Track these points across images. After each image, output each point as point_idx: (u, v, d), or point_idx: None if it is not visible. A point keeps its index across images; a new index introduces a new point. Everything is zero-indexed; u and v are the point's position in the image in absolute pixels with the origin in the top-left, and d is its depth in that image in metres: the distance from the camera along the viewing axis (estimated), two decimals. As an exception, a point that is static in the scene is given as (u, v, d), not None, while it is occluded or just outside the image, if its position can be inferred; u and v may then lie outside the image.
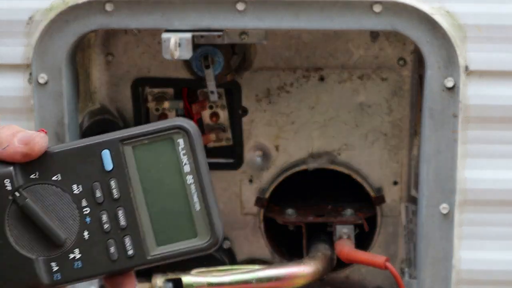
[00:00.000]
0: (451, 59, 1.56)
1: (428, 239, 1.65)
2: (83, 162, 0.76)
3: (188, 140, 0.77)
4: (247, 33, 1.61)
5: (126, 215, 0.76)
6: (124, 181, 0.77)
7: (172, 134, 0.77)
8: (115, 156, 0.77)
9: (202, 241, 0.77)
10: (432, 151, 1.61)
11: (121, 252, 0.76)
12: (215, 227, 0.77)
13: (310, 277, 1.76)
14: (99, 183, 0.76)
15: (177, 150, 0.77)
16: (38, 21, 1.60)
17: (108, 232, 0.76)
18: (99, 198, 0.76)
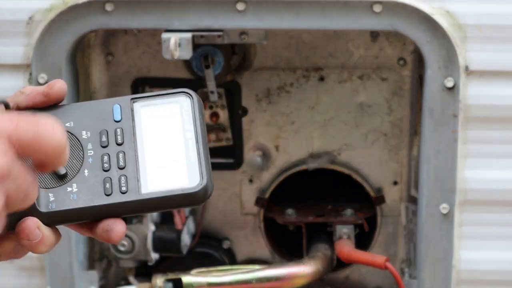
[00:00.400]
0: (451, 59, 1.56)
1: (428, 239, 1.65)
2: (95, 114, 0.84)
3: (192, 104, 0.85)
4: (247, 33, 1.61)
5: (126, 157, 0.82)
6: (129, 130, 0.83)
7: (179, 97, 0.85)
8: (125, 110, 0.84)
9: (192, 186, 0.81)
10: (432, 151, 1.61)
11: (116, 187, 0.81)
12: (206, 177, 0.81)
13: (310, 277, 1.76)
14: (107, 130, 0.83)
15: (181, 110, 0.84)
16: (38, 21, 1.60)
17: (106, 171, 0.81)
18: (104, 142, 0.83)
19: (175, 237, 1.79)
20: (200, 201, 0.82)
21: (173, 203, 0.82)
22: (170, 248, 1.80)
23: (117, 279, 1.93)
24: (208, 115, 1.85)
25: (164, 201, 0.81)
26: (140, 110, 0.85)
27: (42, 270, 1.74)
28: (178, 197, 0.81)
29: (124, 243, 1.78)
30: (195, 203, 0.82)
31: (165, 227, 1.80)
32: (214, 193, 1.90)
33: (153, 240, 1.79)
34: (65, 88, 0.83)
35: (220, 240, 1.93)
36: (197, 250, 1.90)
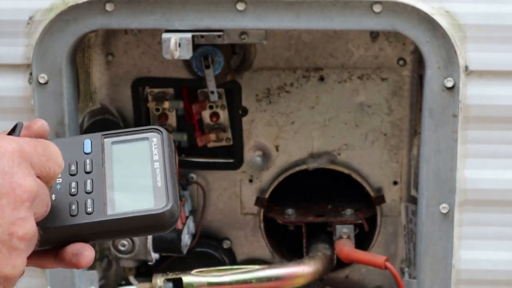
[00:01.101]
0: (451, 59, 1.56)
1: (428, 239, 1.65)
2: (66, 147, 0.86)
3: (161, 139, 0.88)
4: (247, 33, 1.61)
5: (94, 183, 0.84)
6: (98, 160, 0.86)
7: (148, 133, 0.88)
8: (95, 144, 0.87)
9: (158, 208, 0.82)
10: (432, 151, 1.61)
11: (81, 209, 0.82)
12: (172, 200, 0.83)
13: (310, 277, 1.76)
14: (76, 161, 0.86)
15: (150, 145, 0.87)
16: (38, 21, 1.60)
17: (73, 195, 0.84)
18: (73, 170, 0.85)
19: (175, 237, 1.79)
20: (166, 223, 0.83)
21: (140, 225, 0.82)
22: (170, 248, 1.80)
23: (117, 279, 1.93)
24: (208, 115, 1.85)
25: (130, 222, 0.82)
26: (110, 144, 0.88)
27: (42, 270, 1.74)
28: (144, 218, 0.82)
29: (125, 243, 1.78)
30: (162, 226, 0.83)
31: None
32: (214, 193, 1.90)
33: (153, 240, 1.79)
34: (45, 127, 0.87)
35: (220, 240, 1.93)
36: (197, 250, 1.90)
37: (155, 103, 1.83)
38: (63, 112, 1.63)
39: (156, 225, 0.83)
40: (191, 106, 1.83)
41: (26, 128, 0.87)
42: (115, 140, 0.88)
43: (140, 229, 0.83)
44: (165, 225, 0.83)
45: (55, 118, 1.63)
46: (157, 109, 1.84)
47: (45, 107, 1.62)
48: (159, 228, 0.83)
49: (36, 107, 1.62)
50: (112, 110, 1.84)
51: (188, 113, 1.84)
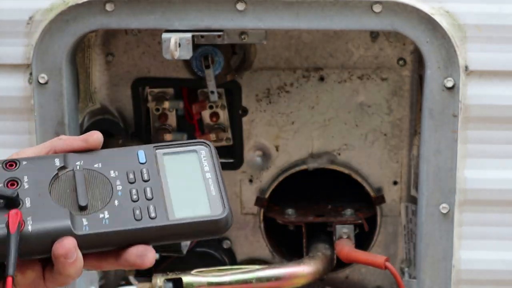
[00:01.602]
0: (451, 59, 1.56)
1: (428, 239, 1.65)
2: (121, 157, 0.91)
3: (210, 151, 0.92)
4: (247, 33, 1.61)
5: (153, 191, 0.89)
6: (154, 170, 0.90)
7: (197, 146, 0.93)
8: (148, 155, 0.92)
9: (216, 214, 0.90)
10: (432, 151, 1.61)
11: (145, 214, 0.87)
12: (227, 208, 0.91)
13: (310, 277, 1.76)
14: (133, 170, 0.90)
15: (199, 157, 0.92)
16: (38, 21, 1.60)
17: (135, 201, 0.88)
18: (131, 179, 0.89)
19: (175, 237, 1.79)
20: (223, 228, 0.91)
21: (199, 230, 0.89)
22: (170, 248, 1.80)
23: (117, 279, 1.93)
24: (208, 115, 1.85)
25: (190, 227, 0.88)
26: (162, 155, 0.92)
27: (42, 270, 1.74)
28: (203, 224, 0.88)
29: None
30: (218, 230, 0.91)
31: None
32: (214, 193, 1.90)
33: (153, 240, 1.79)
34: (100, 139, 0.92)
35: (220, 240, 1.93)
36: (197, 250, 1.90)
37: (155, 103, 1.83)
38: (63, 112, 1.63)
39: (213, 231, 0.90)
40: (191, 106, 1.83)
41: (84, 141, 0.91)
42: (166, 151, 0.93)
43: (198, 233, 0.89)
44: (221, 231, 0.91)
45: (55, 118, 1.63)
46: (157, 109, 1.84)
47: (45, 107, 1.62)
48: (215, 233, 0.90)
49: (36, 107, 1.62)
50: (112, 110, 1.84)
51: (188, 113, 1.84)
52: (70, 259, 0.83)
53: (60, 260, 0.83)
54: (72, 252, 0.83)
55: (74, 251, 0.83)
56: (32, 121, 1.65)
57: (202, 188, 0.90)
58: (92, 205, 0.87)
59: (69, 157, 0.90)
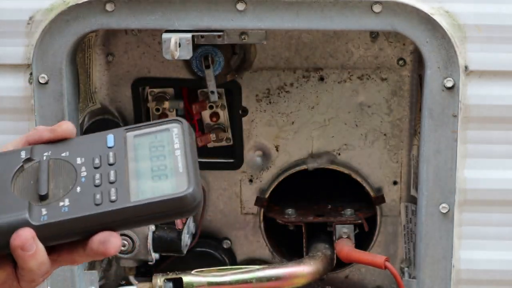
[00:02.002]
0: (451, 59, 1.56)
1: (428, 239, 1.65)
2: (90, 143, 0.89)
3: (181, 128, 0.90)
4: (247, 33, 1.61)
5: (117, 174, 0.86)
6: (121, 152, 0.88)
7: (169, 124, 0.91)
8: (117, 138, 0.90)
9: (180, 191, 0.84)
10: (432, 151, 1.61)
11: (105, 198, 0.84)
12: (193, 184, 0.84)
13: (310, 277, 1.76)
14: (100, 155, 0.88)
15: (171, 135, 0.89)
16: (38, 21, 1.60)
17: (97, 186, 0.85)
18: (97, 164, 0.87)
19: (175, 237, 1.80)
20: (189, 206, 0.84)
21: (162, 210, 0.84)
22: (171, 248, 1.80)
23: (118, 279, 1.93)
24: (208, 115, 1.85)
25: (153, 207, 0.83)
26: (132, 137, 0.90)
27: (42, 270, 1.74)
28: (166, 202, 0.83)
29: (125, 243, 1.78)
30: (184, 209, 0.84)
31: (166, 227, 1.80)
32: (214, 193, 1.90)
33: (154, 240, 1.79)
34: (71, 129, 0.90)
35: (220, 240, 1.93)
36: (197, 250, 1.90)
37: (155, 103, 1.83)
38: (63, 112, 1.63)
39: (179, 209, 0.84)
40: (191, 106, 1.83)
41: (51, 132, 0.89)
42: (137, 133, 0.91)
43: (164, 214, 0.84)
44: (188, 209, 0.84)
45: (55, 118, 1.63)
46: (157, 109, 1.84)
47: (45, 107, 1.62)
48: (183, 212, 0.84)
49: (36, 107, 1.62)
50: (112, 110, 1.84)
51: (188, 113, 1.84)
52: (28, 251, 0.80)
53: (18, 253, 0.80)
54: (29, 243, 0.80)
55: (32, 242, 0.80)
56: (32, 121, 1.65)
57: (170, 166, 0.87)
58: (53, 194, 0.85)
59: (37, 148, 0.89)
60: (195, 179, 0.85)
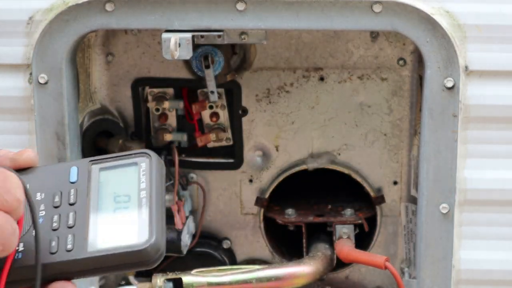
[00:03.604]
0: (451, 59, 1.56)
1: (428, 239, 1.65)
2: (52, 176, 0.83)
3: (150, 164, 0.83)
4: (247, 33, 1.61)
5: (77, 217, 0.80)
6: (84, 190, 0.82)
7: (138, 158, 0.84)
8: (81, 172, 0.83)
9: (140, 243, 0.79)
10: (432, 151, 1.61)
11: (62, 246, 0.79)
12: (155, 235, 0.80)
13: (310, 277, 1.76)
14: (61, 191, 0.82)
15: (138, 170, 0.83)
16: (38, 21, 1.60)
17: (55, 230, 0.80)
18: (56, 202, 0.81)
19: (175, 237, 1.79)
20: (149, 259, 0.80)
21: (121, 262, 0.79)
22: (170, 248, 1.80)
23: (117, 279, 1.93)
24: (208, 115, 1.85)
25: (111, 259, 0.79)
26: (97, 171, 0.84)
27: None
28: (125, 255, 0.79)
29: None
30: (145, 262, 0.80)
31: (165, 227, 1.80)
32: (214, 193, 1.90)
33: (153, 240, 1.79)
34: (32, 158, 0.84)
35: (220, 240, 1.93)
36: (197, 250, 1.90)
37: (155, 103, 1.83)
38: (63, 112, 1.63)
39: (138, 262, 0.80)
40: (191, 106, 1.83)
41: (12, 161, 0.84)
42: (102, 166, 0.84)
43: (122, 266, 0.80)
44: (149, 262, 0.80)
45: (55, 118, 1.63)
46: (157, 109, 1.84)
47: (45, 107, 1.62)
48: (143, 264, 0.80)
49: (36, 107, 1.62)
50: (112, 110, 1.84)
51: (188, 113, 1.84)
52: None
53: None
54: None
55: None
56: (32, 121, 1.65)
57: (133, 210, 0.81)
58: None
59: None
60: (158, 228, 0.81)
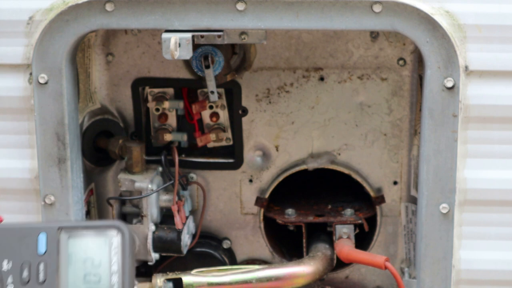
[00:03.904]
0: (451, 59, 1.56)
1: (428, 239, 1.65)
2: (20, 241, 0.80)
3: (122, 241, 0.81)
4: (247, 33, 1.61)
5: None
6: (53, 266, 0.79)
7: (109, 231, 0.81)
8: (50, 241, 0.80)
9: None
10: (432, 151, 1.61)
11: None
12: None
13: (310, 277, 1.76)
14: (30, 263, 0.79)
15: (109, 248, 0.80)
16: (38, 21, 1.60)
17: None
18: (25, 278, 0.79)
19: (175, 237, 1.80)
20: None
21: None
22: (170, 248, 1.80)
23: (117, 279, 1.93)
24: (208, 115, 1.85)
25: None
26: (66, 242, 0.81)
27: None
28: None
29: (124, 243, 1.78)
30: None
31: (165, 227, 1.80)
32: (214, 193, 1.90)
33: (153, 240, 1.79)
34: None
35: (220, 240, 1.93)
36: (197, 250, 1.90)
37: (155, 103, 1.83)
38: (63, 112, 1.63)
39: None
40: (191, 106, 1.83)
41: None
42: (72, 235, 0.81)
43: None
44: None
45: (55, 118, 1.63)
46: (157, 109, 1.84)
47: (45, 107, 1.62)
48: None
49: (36, 107, 1.62)
50: (112, 110, 1.84)
51: (188, 113, 1.84)
52: None
53: None
54: None
55: None
56: (32, 121, 1.65)
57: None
58: None
59: None
60: None
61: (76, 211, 1.70)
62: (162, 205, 1.81)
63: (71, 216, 1.69)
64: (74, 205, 1.69)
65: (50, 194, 1.67)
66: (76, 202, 1.70)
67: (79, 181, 1.71)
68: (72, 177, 1.67)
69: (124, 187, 1.78)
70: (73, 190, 1.68)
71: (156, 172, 1.81)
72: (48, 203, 1.67)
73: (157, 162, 1.83)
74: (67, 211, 1.68)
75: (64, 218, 1.68)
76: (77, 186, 1.70)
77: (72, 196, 1.68)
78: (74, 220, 0.80)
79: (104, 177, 1.87)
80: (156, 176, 1.80)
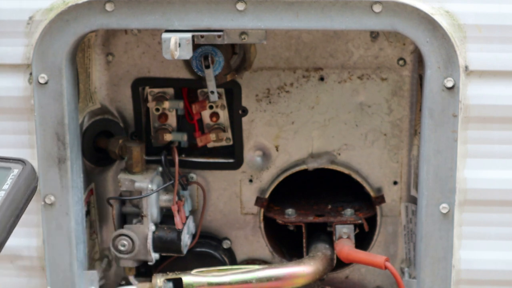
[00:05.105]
0: (451, 59, 1.56)
1: (428, 239, 1.65)
2: None
3: (21, 171, 0.83)
4: (247, 33, 1.61)
5: None
6: None
7: (13, 163, 0.84)
8: None
9: None
10: (432, 151, 1.61)
11: None
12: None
13: (310, 277, 1.76)
14: None
15: (8, 174, 0.83)
16: (38, 21, 1.60)
17: None
18: None
19: (175, 237, 1.80)
20: None
21: None
22: (170, 248, 1.80)
23: (117, 279, 1.93)
24: (208, 115, 1.85)
25: None
26: None
27: (42, 270, 1.74)
28: None
29: (125, 243, 1.78)
30: None
31: (165, 227, 1.80)
32: (214, 193, 1.90)
33: (153, 240, 1.79)
34: None
35: (220, 240, 1.93)
36: (197, 250, 1.90)
37: (155, 103, 1.83)
38: (63, 112, 1.63)
39: None
40: (191, 106, 1.83)
41: None
42: None
43: None
44: None
45: (55, 118, 1.63)
46: (157, 109, 1.84)
47: (45, 107, 1.62)
48: None
49: (36, 107, 1.63)
50: (112, 110, 1.84)
51: (188, 113, 1.84)
52: None
53: None
54: None
55: None
56: (32, 121, 1.65)
57: None
58: None
59: None
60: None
61: (76, 211, 1.70)
62: (162, 205, 1.81)
63: (71, 216, 1.69)
64: (74, 205, 1.69)
65: (50, 194, 1.67)
66: (76, 202, 1.70)
67: (79, 181, 1.71)
68: (72, 177, 1.67)
69: (124, 187, 1.78)
70: (73, 190, 1.68)
71: (156, 172, 1.81)
72: (48, 203, 1.67)
73: (157, 162, 1.83)
74: (67, 211, 1.68)
75: (64, 218, 1.68)
76: (77, 186, 1.70)
77: (72, 196, 1.68)
78: None
79: (104, 177, 1.87)
80: (156, 176, 1.80)
